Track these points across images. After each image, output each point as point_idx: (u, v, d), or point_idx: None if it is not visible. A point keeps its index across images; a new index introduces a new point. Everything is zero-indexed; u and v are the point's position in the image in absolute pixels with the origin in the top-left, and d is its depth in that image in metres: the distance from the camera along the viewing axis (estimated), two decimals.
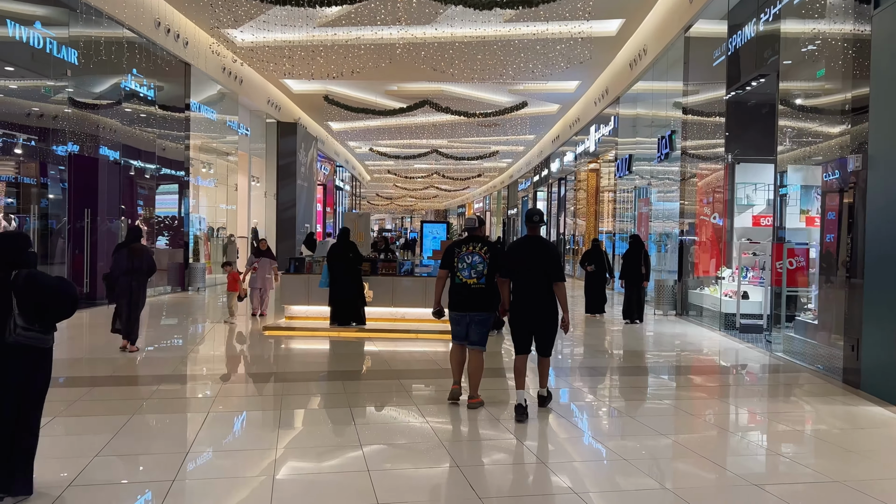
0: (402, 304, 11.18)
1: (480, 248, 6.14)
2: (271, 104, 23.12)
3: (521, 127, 27.63)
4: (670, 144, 14.80)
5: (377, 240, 12.67)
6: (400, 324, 11.04)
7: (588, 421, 6.22)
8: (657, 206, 17.06)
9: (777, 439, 5.76)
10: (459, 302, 6.14)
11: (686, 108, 14.42)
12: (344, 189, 38.41)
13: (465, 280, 6.08)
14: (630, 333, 11.77)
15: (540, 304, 5.98)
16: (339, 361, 8.89)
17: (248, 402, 6.72)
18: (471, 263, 6.08)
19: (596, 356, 9.87)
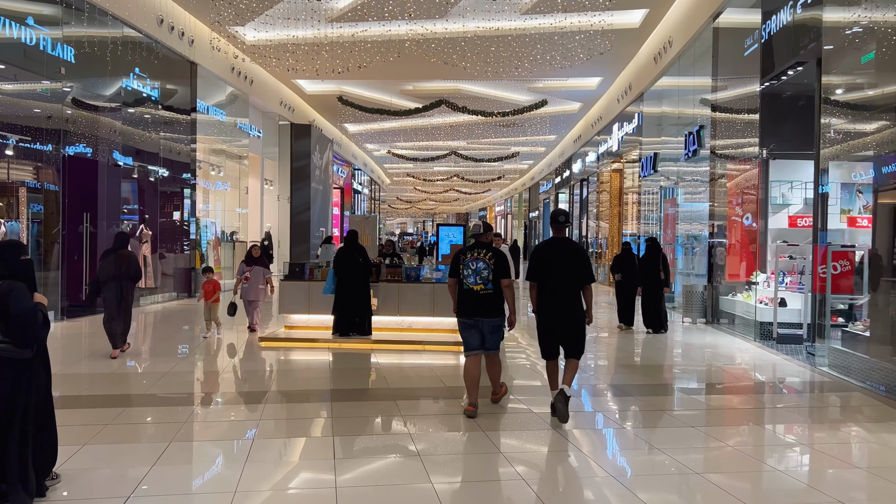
0: (408, 313, 10.37)
1: (485, 255, 6.15)
2: (284, 105, 22.49)
3: (541, 127, 26.72)
4: (698, 141, 13.80)
5: (384, 244, 11.82)
6: (406, 334, 10.22)
7: (605, 452, 5.33)
8: (684, 207, 16.05)
9: (837, 482, 4.82)
10: (468, 308, 6.15)
11: (715, 104, 13.43)
12: (362, 192, 37.74)
13: (472, 286, 6.11)
14: (656, 344, 10.81)
15: (567, 308, 5.99)
16: (336, 378, 8.07)
17: (219, 429, 5.89)
18: (475, 270, 6.11)
19: (618, 372, 8.94)
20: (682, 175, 15.92)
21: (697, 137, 13.82)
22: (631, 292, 12.09)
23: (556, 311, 6.02)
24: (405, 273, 10.46)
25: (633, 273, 12.02)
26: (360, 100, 22.73)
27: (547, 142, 31.40)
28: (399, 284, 10.38)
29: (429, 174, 41.73)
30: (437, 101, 22.04)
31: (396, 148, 32.85)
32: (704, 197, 14.43)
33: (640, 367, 9.28)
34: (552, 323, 6.06)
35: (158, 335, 11.26)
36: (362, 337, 9.90)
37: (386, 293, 10.32)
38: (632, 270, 12.06)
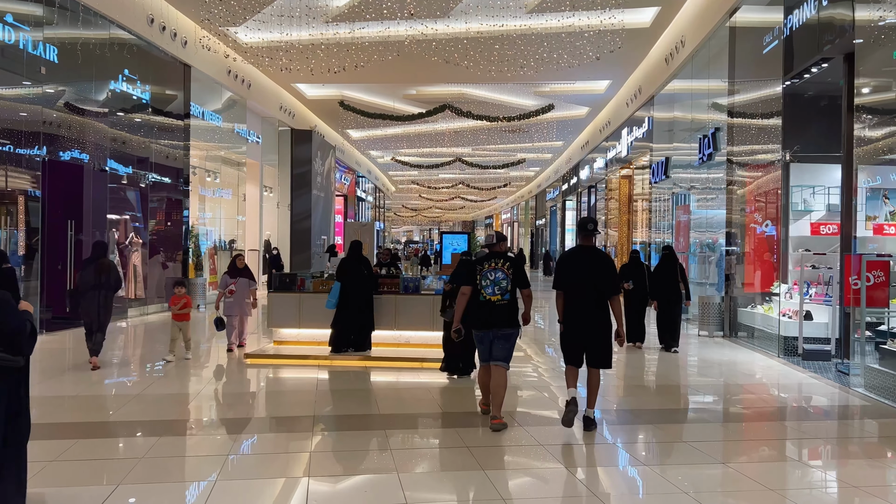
0: (406, 327, 9.62)
1: (503, 264, 6.00)
2: (284, 111, 21.85)
3: (547, 132, 26.01)
4: (714, 144, 13.04)
5: (381, 253, 11.05)
6: (403, 350, 9.47)
7: (629, 499, 4.57)
8: (698, 214, 15.26)
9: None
10: (484, 320, 5.96)
11: (732, 106, 12.68)
12: (366, 200, 37.07)
13: (489, 297, 5.93)
14: (672, 362, 10.00)
15: (594, 318, 5.83)
16: (323, 402, 7.31)
17: (177, 469, 5.14)
18: (494, 280, 5.93)
19: (634, 395, 8.14)
20: (695, 181, 15.15)
21: (713, 140, 13.06)
22: (640, 304, 10.97)
23: (583, 321, 5.86)
24: (403, 284, 9.71)
25: (641, 284, 10.90)
26: (362, 105, 22.07)
27: (553, 148, 30.68)
28: (396, 296, 9.64)
29: (434, 181, 41.06)
30: (441, 105, 21.34)
31: (400, 154, 32.18)
32: (720, 203, 13.66)
33: (658, 389, 8.48)
34: (578, 333, 5.90)
35: (138, 351, 10.54)
36: (359, 353, 9.19)
37: (383, 306, 9.58)
38: (640, 281, 10.91)
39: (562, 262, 6.17)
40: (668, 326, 10.68)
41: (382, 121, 22.65)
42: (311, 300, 9.67)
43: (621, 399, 7.58)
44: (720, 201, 13.50)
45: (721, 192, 13.39)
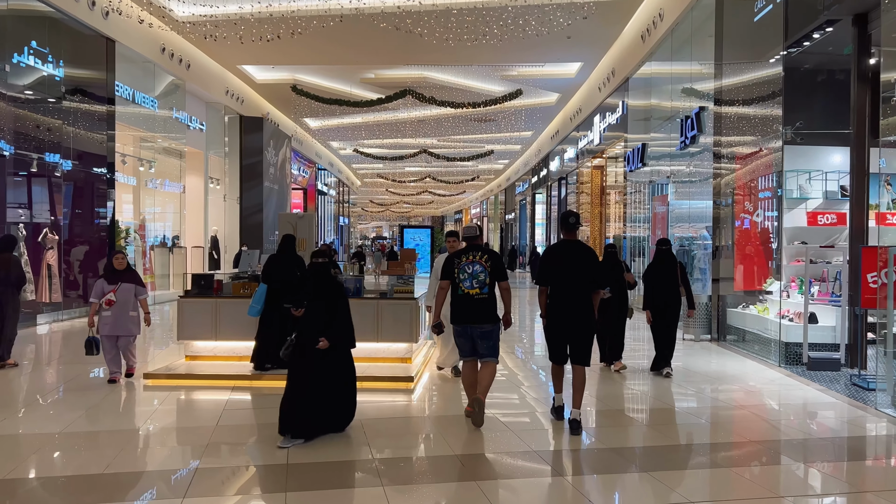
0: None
1: (481, 257, 5.89)
2: (232, 96, 20.01)
3: (516, 121, 24.50)
4: (698, 125, 11.61)
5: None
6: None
7: None
8: (679, 206, 13.86)
9: None
10: (463, 314, 5.87)
11: (719, 86, 11.26)
12: (328, 194, 35.24)
13: (468, 291, 5.84)
14: (656, 378, 8.47)
15: (578, 312, 5.78)
16: (219, 442, 5.66)
17: None
18: (472, 273, 5.84)
19: (610, 426, 6.63)
20: (675, 168, 13.73)
21: (697, 121, 11.63)
22: (620, 312, 8.43)
23: (568, 316, 5.80)
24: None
25: (620, 288, 8.43)
26: (317, 90, 20.32)
27: (522, 139, 29.22)
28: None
29: (400, 175, 39.38)
30: (402, 90, 19.72)
31: (363, 146, 30.45)
32: (704, 192, 12.26)
33: (643, 416, 6.96)
34: (563, 328, 5.84)
35: (33, 367, 8.75)
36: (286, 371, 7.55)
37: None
38: (619, 284, 8.42)
39: (546, 257, 6.07)
40: (664, 342, 8.28)
41: (340, 107, 20.92)
42: (230, 307, 8.00)
43: (600, 432, 6.05)
44: (704, 190, 12.10)
45: (706, 179, 11.99)
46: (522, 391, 7.63)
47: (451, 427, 5.90)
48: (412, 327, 7.93)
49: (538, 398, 7.16)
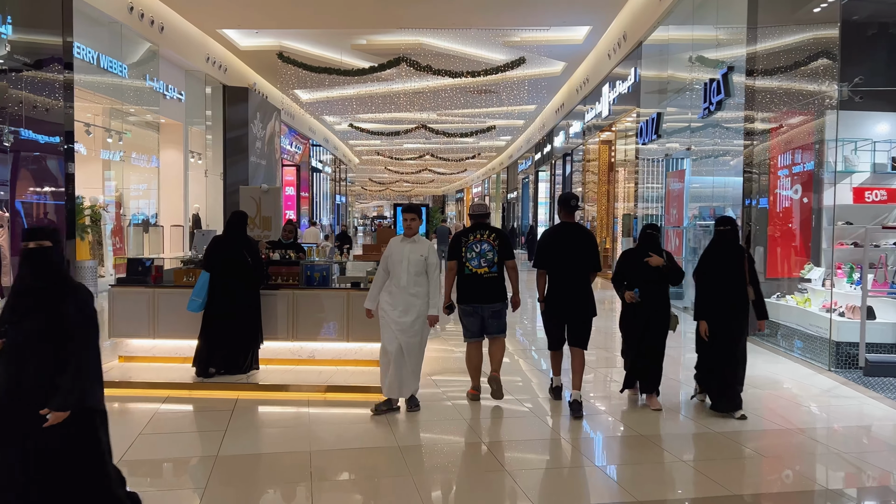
0: (308, 337, 6.62)
1: (488, 236, 5.76)
2: (214, 64, 18.46)
3: (518, 94, 22.91)
4: (725, 88, 10.08)
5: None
6: (304, 370, 6.47)
7: None
8: (700, 182, 12.38)
9: None
10: (472, 293, 5.74)
11: (752, 58, 9.72)
12: (323, 171, 33.68)
13: (476, 270, 5.71)
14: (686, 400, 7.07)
15: (577, 295, 5.66)
16: (137, 476, 4.28)
17: None
18: (480, 252, 5.71)
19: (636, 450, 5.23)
20: (696, 140, 12.21)
21: (724, 84, 10.08)
22: (659, 326, 5.88)
23: (566, 300, 5.69)
24: (305, 273, 6.67)
25: (659, 289, 5.85)
26: (305, 57, 18.75)
27: (525, 113, 27.61)
28: (295, 292, 6.61)
29: (399, 152, 37.78)
30: (396, 58, 18.14)
31: (359, 121, 28.86)
32: (731, 166, 10.78)
33: (674, 442, 5.56)
34: (560, 312, 5.74)
35: None
36: (235, 377, 6.18)
37: (275, 306, 6.55)
38: (660, 287, 5.85)
39: (544, 239, 5.93)
40: (728, 367, 5.67)
41: (330, 77, 19.38)
42: (172, 298, 6.60)
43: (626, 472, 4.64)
44: (730, 164, 10.62)
45: (732, 151, 10.51)
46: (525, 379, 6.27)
47: (438, 461, 4.52)
48: None
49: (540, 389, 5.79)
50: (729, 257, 5.77)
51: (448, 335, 9.27)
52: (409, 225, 5.58)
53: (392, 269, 5.49)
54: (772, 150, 9.24)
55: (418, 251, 5.49)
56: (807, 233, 9.09)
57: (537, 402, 6.03)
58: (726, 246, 5.80)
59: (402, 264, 5.44)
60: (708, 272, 5.84)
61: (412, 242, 5.54)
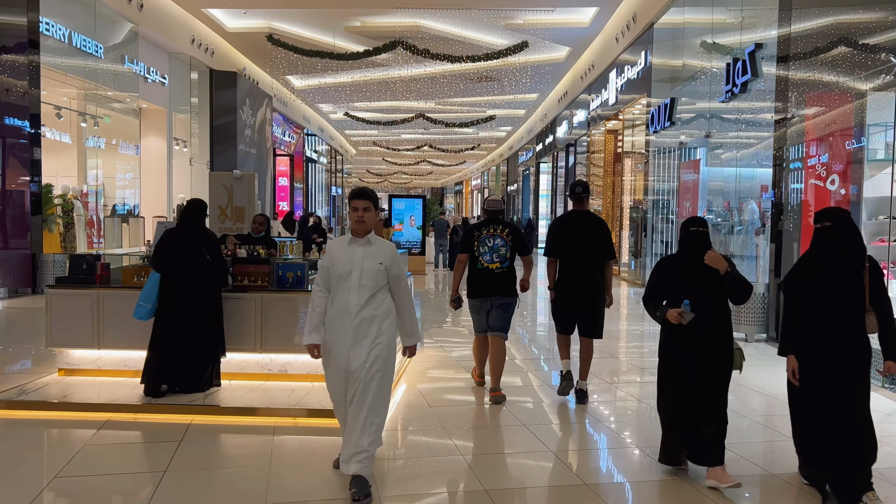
0: (279, 348, 5.63)
1: (502, 231, 5.60)
2: (200, 46, 17.40)
3: (520, 82, 21.86)
4: (752, 67, 9.07)
5: (254, 224, 6.59)
6: (274, 387, 5.49)
7: None
8: (720, 173, 11.40)
9: None
10: (481, 287, 5.57)
11: (785, 40, 8.70)
12: (319, 161, 32.60)
13: (487, 265, 5.55)
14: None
15: (588, 285, 5.50)
16: None
17: None
18: (492, 247, 5.55)
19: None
20: (716, 127, 11.21)
21: (751, 63, 9.07)
22: (720, 366, 4.02)
23: (576, 289, 5.52)
24: (276, 273, 5.68)
25: (720, 313, 4.06)
26: (296, 40, 17.71)
27: (527, 102, 26.56)
28: (264, 295, 5.62)
29: (396, 142, 36.71)
30: (392, 41, 17.13)
31: (354, 109, 27.81)
32: (757, 155, 9.80)
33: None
34: (571, 301, 5.56)
35: None
36: (191, 396, 5.20)
37: (240, 311, 5.57)
38: (719, 305, 4.07)
39: (554, 228, 5.78)
40: (842, 436, 3.72)
41: (323, 61, 18.36)
42: (120, 301, 5.61)
43: None
44: (756, 152, 9.63)
45: (760, 137, 9.52)
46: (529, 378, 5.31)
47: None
48: None
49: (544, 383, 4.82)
50: (838, 268, 3.78)
51: (445, 334, 8.32)
52: (361, 218, 3.85)
53: (335, 285, 3.85)
54: (806, 136, 8.24)
55: (375, 257, 3.86)
56: None
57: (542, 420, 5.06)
58: (835, 250, 3.78)
59: (350, 277, 3.80)
60: (806, 288, 3.85)
61: (366, 245, 3.88)
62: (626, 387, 6.37)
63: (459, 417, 5.23)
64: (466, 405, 5.62)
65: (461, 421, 5.14)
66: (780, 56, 8.46)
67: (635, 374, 6.93)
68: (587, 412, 5.41)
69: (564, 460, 4.47)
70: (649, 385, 6.26)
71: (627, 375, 6.88)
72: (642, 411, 5.59)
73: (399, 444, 4.68)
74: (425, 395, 5.73)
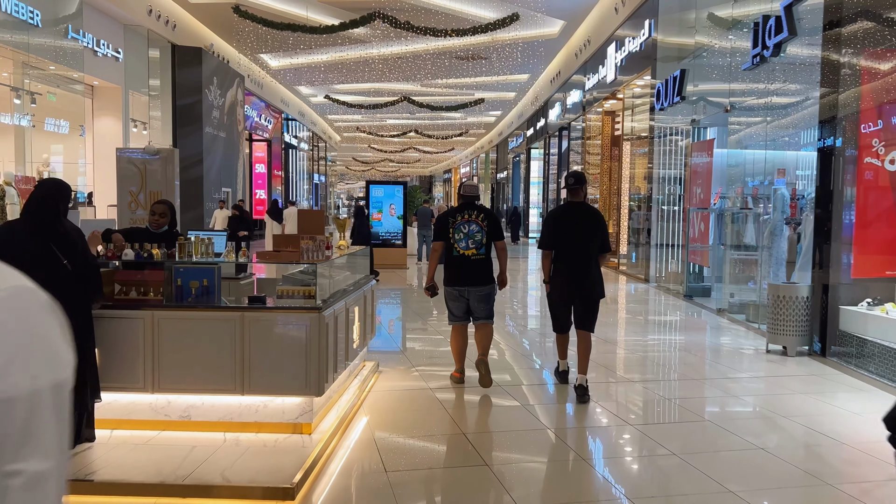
0: (178, 386, 4.01)
1: (477, 216, 5.42)
2: (159, 18, 15.63)
3: (510, 61, 20.20)
4: (788, 25, 7.47)
5: (153, 215, 4.96)
6: (169, 441, 3.88)
7: None
8: (743, 154, 9.83)
9: None
10: (459, 276, 5.39)
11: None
12: (299, 148, 30.83)
13: (463, 252, 5.36)
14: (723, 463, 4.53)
15: (585, 278, 5.27)
16: None
17: None
18: (468, 233, 5.37)
19: None
20: (739, 98, 9.61)
21: (786, 19, 7.46)
22: None
23: (572, 283, 5.29)
24: (173, 283, 4.05)
25: None
26: (266, 12, 15.97)
27: (518, 84, 24.89)
28: (157, 313, 3.99)
29: (382, 128, 34.96)
30: (369, 13, 15.45)
31: (335, 92, 26.06)
32: (791, 132, 8.23)
33: None
34: (566, 295, 5.33)
35: None
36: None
37: (125, 336, 3.95)
38: None
39: (549, 220, 5.59)
40: None
41: (294, 35, 16.64)
42: None
43: None
44: (791, 128, 8.06)
45: (798, 107, 7.94)
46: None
47: None
48: (312, 364, 3.95)
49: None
50: None
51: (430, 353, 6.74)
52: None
53: None
54: (862, 104, 6.66)
55: None
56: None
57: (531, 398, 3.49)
58: None
59: None
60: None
61: None
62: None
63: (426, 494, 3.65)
64: (437, 471, 4.04)
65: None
66: (829, 2, 6.86)
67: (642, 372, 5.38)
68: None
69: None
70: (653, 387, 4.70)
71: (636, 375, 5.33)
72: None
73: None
74: (383, 450, 4.14)
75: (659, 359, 7.07)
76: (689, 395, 5.57)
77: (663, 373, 6.47)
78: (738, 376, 6.07)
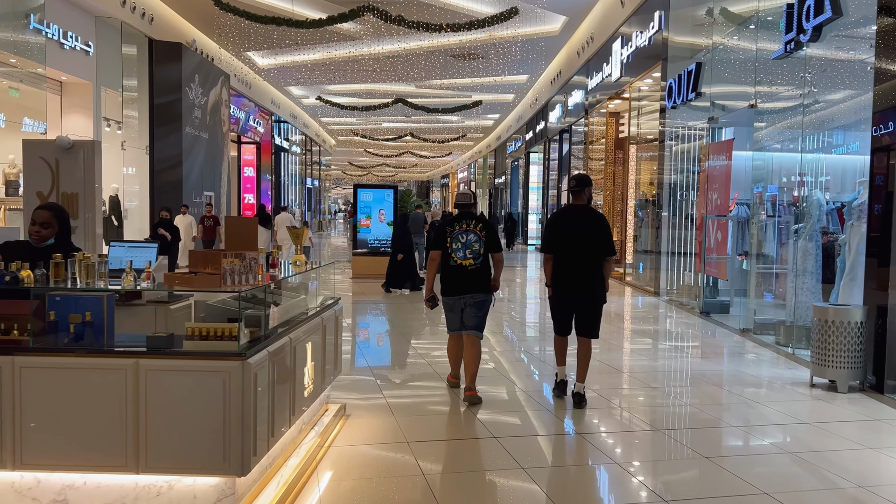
0: (51, 462, 2.88)
1: (475, 226, 5.29)
2: (134, 10, 14.54)
3: (509, 60, 19.14)
4: (832, 3, 6.39)
5: (38, 219, 3.90)
6: None
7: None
8: (771, 156, 8.76)
9: None
10: (455, 285, 5.24)
11: None
12: (291, 151, 29.70)
13: (461, 262, 5.22)
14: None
15: (586, 282, 5.17)
16: None
17: None
18: (465, 243, 5.24)
19: None
20: (767, 90, 8.51)
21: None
22: None
23: (574, 287, 5.19)
24: (45, 316, 2.93)
25: None
26: (248, 5, 14.91)
27: (516, 85, 23.83)
28: (18, 359, 2.87)
29: (377, 132, 33.89)
30: (358, 7, 14.41)
31: (328, 93, 25.01)
32: (837, 129, 7.15)
33: None
34: (570, 298, 5.23)
35: None
36: None
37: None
38: None
39: (552, 223, 5.52)
40: None
41: (279, 29, 15.61)
42: None
43: None
44: (837, 124, 6.98)
45: (845, 98, 6.87)
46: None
47: None
48: (233, 432, 2.84)
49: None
50: None
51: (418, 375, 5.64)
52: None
53: None
54: None
55: None
56: None
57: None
58: None
59: None
60: None
61: None
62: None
63: None
64: None
65: None
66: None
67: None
68: None
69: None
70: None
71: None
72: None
73: None
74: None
75: (678, 394, 5.95)
76: (719, 450, 4.46)
77: (683, 416, 5.35)
78: (778, 420, 4.96)
